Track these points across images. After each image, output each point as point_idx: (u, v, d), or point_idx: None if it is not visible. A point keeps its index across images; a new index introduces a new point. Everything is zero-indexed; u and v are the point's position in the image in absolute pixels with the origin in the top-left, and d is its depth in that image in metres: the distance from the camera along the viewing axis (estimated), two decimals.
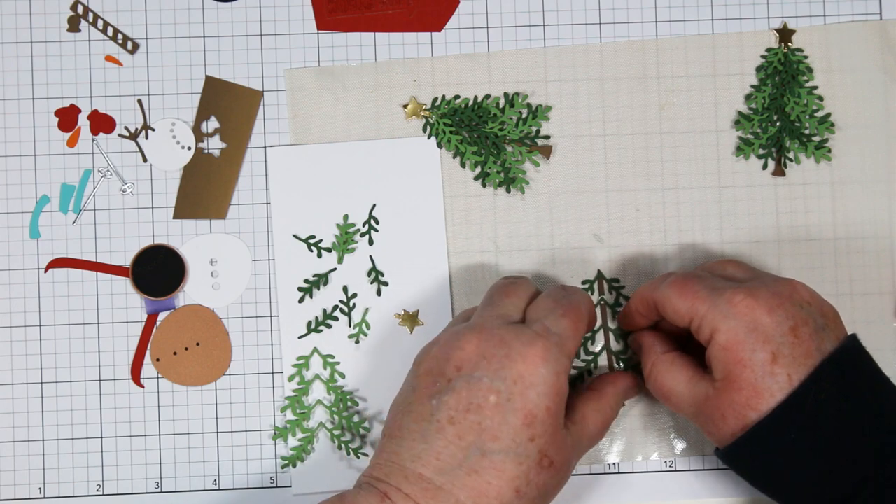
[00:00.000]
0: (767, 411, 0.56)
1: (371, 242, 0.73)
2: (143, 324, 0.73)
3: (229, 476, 0.73)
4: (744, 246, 0.73)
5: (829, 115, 0.73)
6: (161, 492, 0.73)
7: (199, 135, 0.74)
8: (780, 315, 0.57)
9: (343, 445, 0.71)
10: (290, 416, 0.72)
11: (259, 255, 0.73)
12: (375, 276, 0.73)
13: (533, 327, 0.59)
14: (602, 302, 0.73)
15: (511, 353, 0.57)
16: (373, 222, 0.73)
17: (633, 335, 0.69)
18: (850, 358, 0.58)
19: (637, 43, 0.74)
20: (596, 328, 0.73)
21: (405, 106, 0.74)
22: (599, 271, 0.73)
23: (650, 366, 0.64)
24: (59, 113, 0.74)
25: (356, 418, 0.71)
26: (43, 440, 0.73)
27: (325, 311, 0.73)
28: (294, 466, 0.71)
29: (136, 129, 0.74)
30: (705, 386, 0.59)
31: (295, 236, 0.73)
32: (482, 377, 0.57)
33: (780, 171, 0.74)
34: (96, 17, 0.74)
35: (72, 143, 0.74)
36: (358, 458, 0.71)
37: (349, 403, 0.71)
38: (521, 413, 0.56)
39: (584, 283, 0.73)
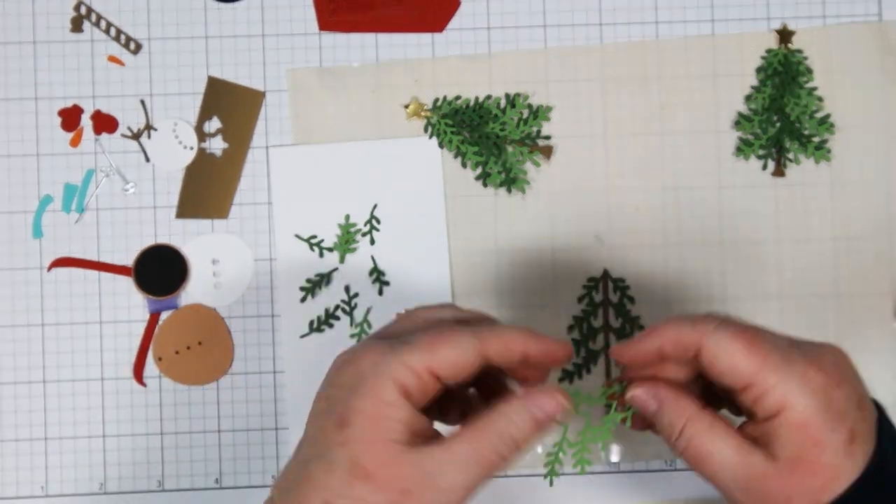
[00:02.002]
0: (843, 492, 0.50)
1: (372, 242, 0.74)
2: (146, 323, 0.73)
3: (231, 475, 0.73)
4: (743, 246, 0.74)
5: (828, 115, 0.74)
6: (163, 490, 0.73)
7: (201, 135, 0.74)
8: (848, 389, 0.51)
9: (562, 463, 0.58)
10: None
11: (261, 255, 0.74)
12: (377, 275, 0.73)
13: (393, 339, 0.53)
14: (606, 302, 0.73)
15: (351, 359, 0.52)
16: (374, 222, 0.73)
17: (635, 385, 0.55)
18: (886, 418, 0.54)
19: (637, 43, 0.74)
20: (597, 326, 0.73)
21: (406, 106, 0.74)
22: (606, 270, 0.73)
23: (684, 423, 0.53)
24: (62, 113, 0.74)
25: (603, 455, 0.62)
26: (45, 439, 0.73)
27: (326, 310, 0.73)
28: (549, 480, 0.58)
29: (139, 128, 0.74)
30: (760, 461, 0.51)
31: (297, 236, 0.73)
32: (323, 387, 0.53)
33: (779, 172, 0.74)
34: (99, 17, 0.74)
35: (75, 142, 0.74)
36: (548, 479, 0.59)
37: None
38: (336, 416, 0.51)
39: (589, 280, 0.73)
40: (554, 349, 0.53)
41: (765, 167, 0.74)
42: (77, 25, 0.74)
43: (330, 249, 0.73)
